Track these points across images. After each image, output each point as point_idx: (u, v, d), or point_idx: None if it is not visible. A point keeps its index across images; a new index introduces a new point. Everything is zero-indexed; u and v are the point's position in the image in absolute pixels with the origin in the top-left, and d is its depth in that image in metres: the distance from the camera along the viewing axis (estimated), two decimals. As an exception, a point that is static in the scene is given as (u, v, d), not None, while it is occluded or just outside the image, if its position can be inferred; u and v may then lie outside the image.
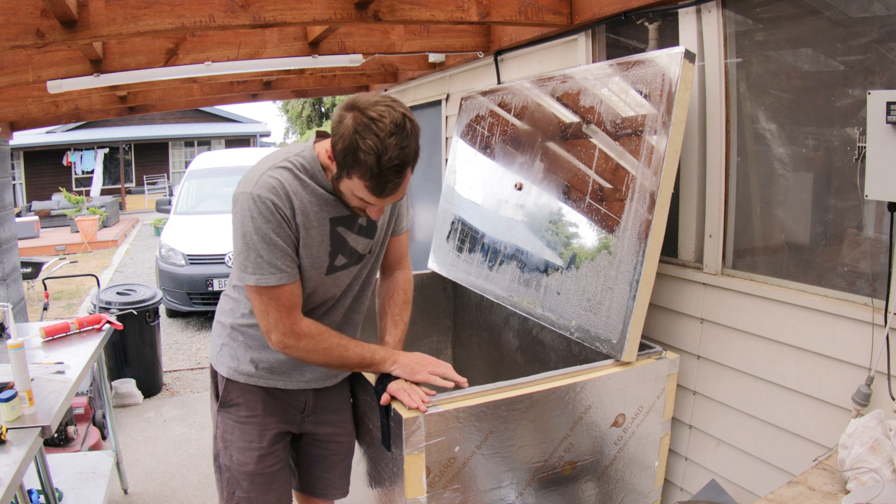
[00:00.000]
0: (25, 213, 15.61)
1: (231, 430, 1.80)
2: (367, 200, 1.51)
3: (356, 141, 1.40)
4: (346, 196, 1.56)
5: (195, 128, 22.02)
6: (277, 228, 1.53)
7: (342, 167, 1.48)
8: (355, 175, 1.46)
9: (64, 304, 8.00)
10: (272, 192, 1.52)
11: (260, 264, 1.53)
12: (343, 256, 1.68)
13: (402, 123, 1.41)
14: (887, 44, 1.72)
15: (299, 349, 1.63)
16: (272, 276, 1.54)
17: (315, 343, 1.62)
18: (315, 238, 1.61)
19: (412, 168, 1.49)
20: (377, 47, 3.36)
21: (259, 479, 1.80)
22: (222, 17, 2.32)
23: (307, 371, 1.80)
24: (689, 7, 2.23)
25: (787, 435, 1.94)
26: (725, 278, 2.17)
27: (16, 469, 1.69)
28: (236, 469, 1.80)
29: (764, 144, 2.13)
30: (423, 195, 5.24)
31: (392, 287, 1.90)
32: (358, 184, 1.47)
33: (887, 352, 1.65)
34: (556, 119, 2.52)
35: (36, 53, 2.94)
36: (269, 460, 1.81)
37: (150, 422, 4.28)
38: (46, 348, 2.72)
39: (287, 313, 1.59)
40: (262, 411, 1.78)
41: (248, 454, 1.78)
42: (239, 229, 1.55)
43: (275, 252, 1.53)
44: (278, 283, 1.54)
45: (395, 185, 1.47)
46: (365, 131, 1.39)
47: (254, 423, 1.79)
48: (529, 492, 1.93)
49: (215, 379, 1.84)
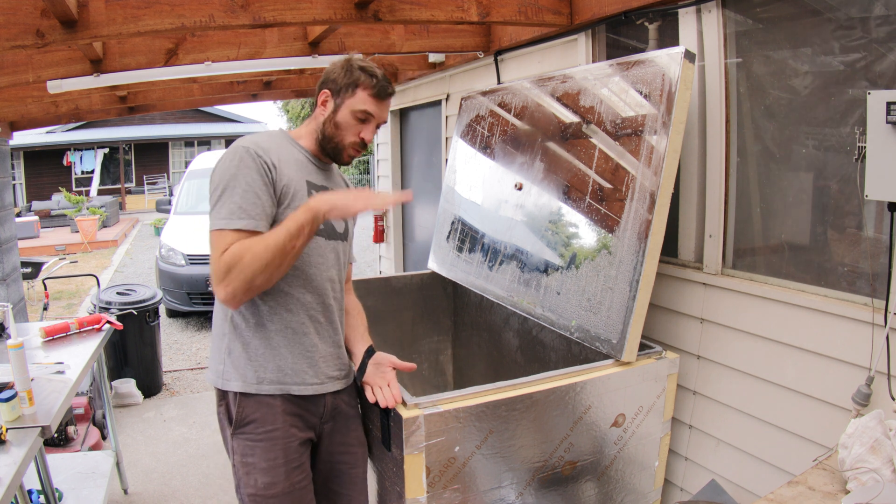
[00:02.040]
0: (25, 213, 15.61)
1: (251, 452, 1.66)
2: (369, 110, 1.72)
3: (353, 65, 1.72)
4: (342, 127, 1.73)
5: (195, 128, 22.03)
6: (256, 175, 1.57)
7: (346, 88, 1.72)
8: (360, 87, 1.71)
9: (64, 304, 8.00)
10: (256, 145, 1.63)
11: (232, 209, 1.54)
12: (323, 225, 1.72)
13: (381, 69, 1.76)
14: (887, 44, 1.72)
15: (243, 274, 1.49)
16: (240, 220, 1.53)
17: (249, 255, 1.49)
18: (297, 189, 1.67)
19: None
20: (377, 47, 3.36)
21: (288, 500, 1.66)
22: (222, 17, 2.32)
23: (320, 372, 1.73)
24: (689, 7, 2.23)
25: (787, 435, 1.94)
26: (725, 278, 2.17)
27: (16, 469, 1.69)
28: (262, 494, 1.65)
29: (764, 144, 2.13)
30: (423, 195, 5.24)
31: (353, 304, 2.02)
32: (361, 95, 1.71)
33: (887, 352, 1.65)
34: (556, 119, 2.52)
35: (36, 53, 2.94)
36: (297, 475, 1.69)
37: (150, 422, 4.28)
38: (46, 348, 2.72)
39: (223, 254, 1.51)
40: (283, 422, 1.66)
41: (274, 474, 1.65)
42: (219, 180, 1.57)
43: (247, 197, 1.55)
44: (244, 227, 1.52)
45: (391, 92, 1.76)
46: (356, 61, 1.75)
47: (276, 437, 1.66)
48: (529, 492, 1.93)
49: (225, 400, 1.70)
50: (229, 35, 3.11)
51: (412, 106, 5.14)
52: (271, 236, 1.52)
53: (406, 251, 5.82)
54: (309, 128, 1.79)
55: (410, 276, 3.41)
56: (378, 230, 5.95)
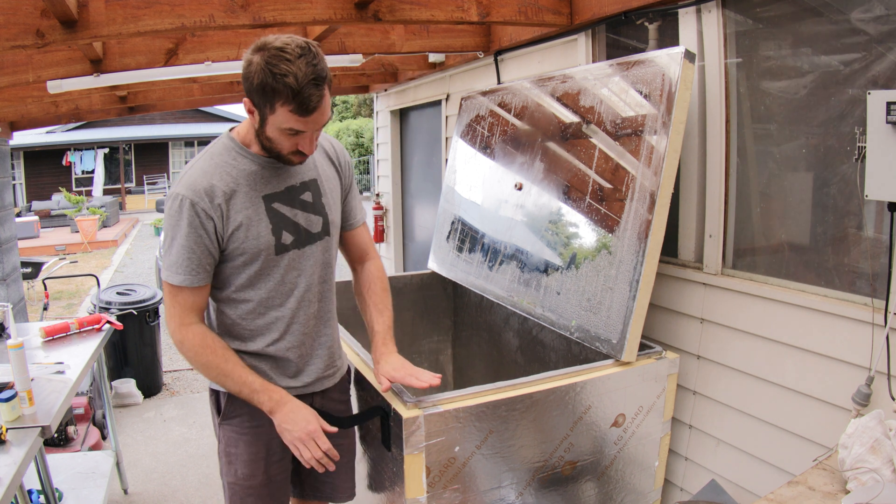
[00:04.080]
0: (25, 213, 15.62)
1: (235, 443, 1.72)
2: (296, 128, 1.50)
3: (269, 71, 1.42)
4: (275, 142, 1.55)
5: (195, 128, 22.03)
6: (190, 230, 1.54)
7: (264, 105, 1.48)
8: (278, 104, 1.46)
9: (64, 304, 8.00)
10: (193, 192, 1.54)
11: (170, 263, 1.57)
12: (289, 233, 1.64)
13: (307, 46, 1.45)
14: (887, 44, 1.72)
15: (183, 354, 1.63)
16: (177, 276, 1.57)
17: (194, 355, 1.60)
18: (251, 218, 1.59)
19: (329, 88, 1.50)
20: (377, 47, 3.36)
21: (265, 490, 1.73)
22: (222, 17, 2.32)
23: (302, 375, 1.74)
24: (689, 7, 2.23)
25: (787, 435, 1.94)
26: (725, 278, 2.17)
27: (16, 469, 1.69)
28: (242, 484, 1.72)
29: (764, 144, 2.13)
30: (423, 195, 5.24)
31: (367, 278, 1.88)
32: (282, 112, 1.47)
33: (887, 352, 1.65)
34: (556, 119, 2.52)
35: (36, 53, 2.94)
36: (276, 469, 1.74)
37: (150, 422, 4.28)
38: (46, 348, 2.72)
39: (181, 315, 1.59)
40: (269, 420, 1.67)
41: (254, 466, 1.71)
42: (164, 226, 1.61)
43: (182, 254, 1.56)
44: (180, 284, 1.57)
45: (318, 100, 1.46)
46: (274, 59, 1.43)
47: (259, 432, 1.71)
48: (529, 492, 1.93)
49: (216, 397, 1.77)
50: (229, 35, 3.11)
51: (412, 106, 5.14)
52: (231, 378, 1.58)
53: (406, 251, 5.82)
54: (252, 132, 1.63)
55: (410, 276, 3.41)
56: (378, 230, 5.95)
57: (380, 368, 1.76)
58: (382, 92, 5.75)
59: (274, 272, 1.64)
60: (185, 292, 1.58)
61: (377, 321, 1.82)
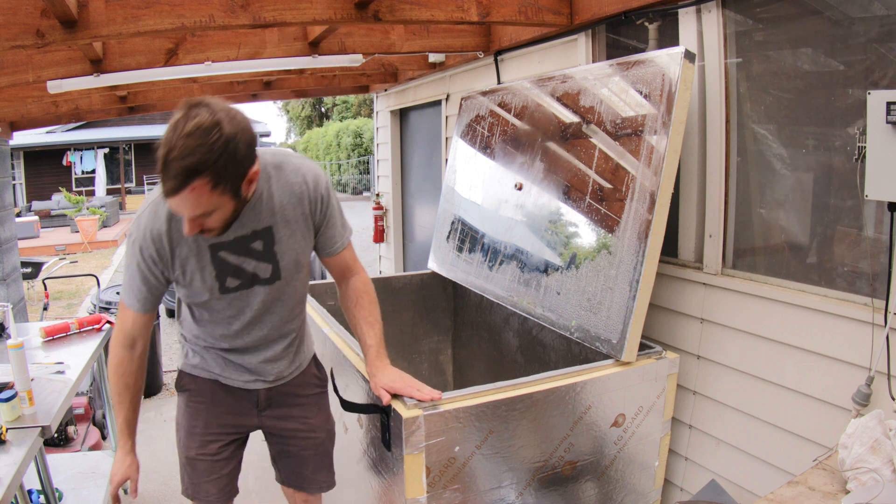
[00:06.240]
0: (25, 213, 15.62)
1: (182, 414, 1.88)
2: (172, 209, 1.43)
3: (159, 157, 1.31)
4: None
5: (195, 128, 21.98)
6: (136, 270, 1.64)
7: None
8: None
9: (64, 304, 8.00)
10: (142, 236, 1.59)
11: (124, 284, 1.71)
12: (233, 279, 1.67)
13: (209, 129, 1.28)
14: (887, 44, 1.72)
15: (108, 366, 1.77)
16: (126, 298, 1.70)
17: (109, 372, 1.75)
18: (197, 264, 1.64)
19: (211, 182, 1.33)
20: (377, 47, 3.36)
21: (200, 465, 1.83)
22: (222, 17, 2.32)
23: (245, 373, 1.82)
24: (689, 7, 2.23)
25: (787, 435, 1.94)
26: (725, 278, 2.17)
27: (16, 469, 1.70)
28: (182, 453, 1.87)
29: (764, 144, 2.13)
30: (423, 195, 5.24)
31: (353, 293, 1.86)
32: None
33: (887, 352, 1.65)
34: (556, 119, 2.52)
35: (36, 53, 2.94)
36: (212, 448, 1.84)
37: (150, 422, 4.28)
38: (46, 348, 2.72)
39: (120, 330, 1.72)
40: (211, 399, 1.84)
41: (191, 439, 1.85)
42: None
43: (133, 284, 1.67)
44: (127, 305, 1.70)
45: (175, 187, 1.31)
46: (170, 127, 1.30)
47: (200, 409, 1.84)
48: (529, 492, 1.93)
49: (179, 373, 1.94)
50: (229, 35, 3.11)
51: (412, 106, 5.14)
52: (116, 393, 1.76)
53: (406, 251, 5.82)
54: None
55: (410, 276, 3.41)
56: (378, 230, 5.95)
57: (378, 381, 1.77)
58: (382, 92, 5.75)
59: (219, 304, 1.72)
60: (129, 313, 1.70)
61: (369, 334, 1.83)
